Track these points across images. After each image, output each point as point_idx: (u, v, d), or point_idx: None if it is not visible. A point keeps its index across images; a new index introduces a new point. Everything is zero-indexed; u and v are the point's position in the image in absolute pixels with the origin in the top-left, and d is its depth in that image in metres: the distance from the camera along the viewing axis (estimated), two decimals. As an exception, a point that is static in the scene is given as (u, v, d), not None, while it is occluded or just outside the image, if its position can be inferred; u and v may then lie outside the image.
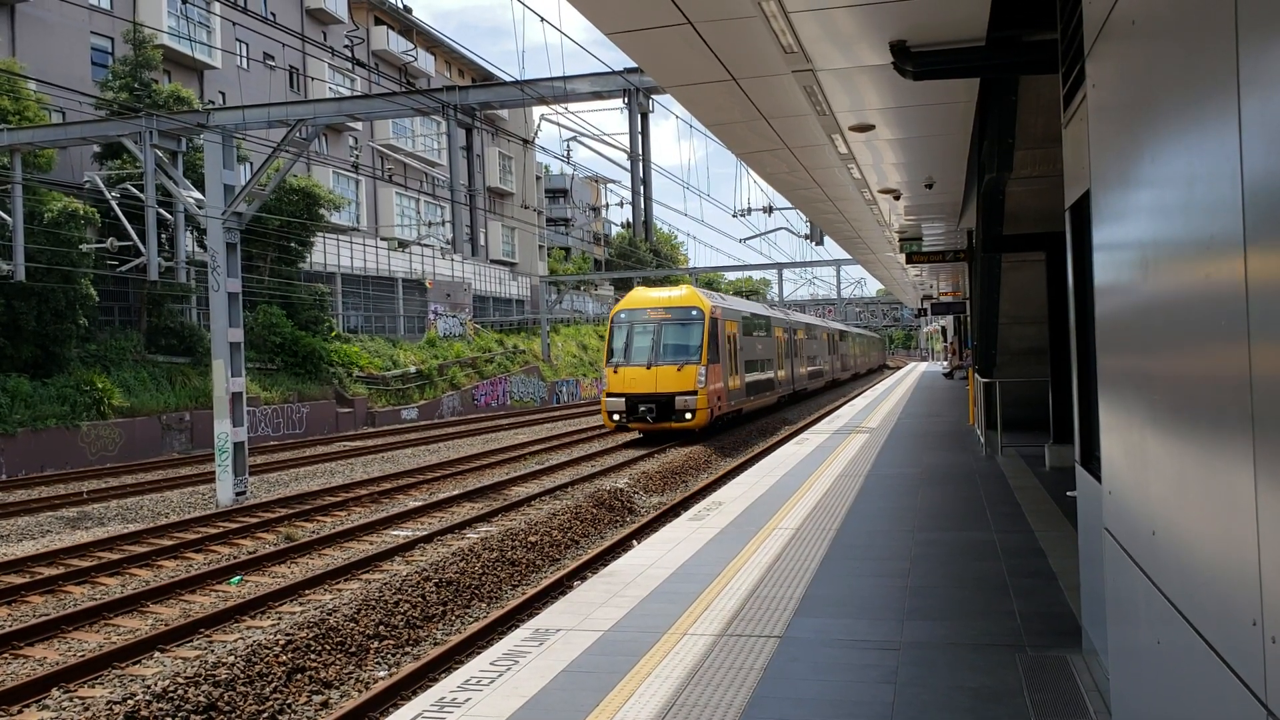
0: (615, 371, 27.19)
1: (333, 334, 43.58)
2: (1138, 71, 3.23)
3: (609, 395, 27.34)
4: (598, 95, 29.97)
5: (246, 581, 12.73)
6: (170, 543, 15.09)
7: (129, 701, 7.62)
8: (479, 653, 8.01)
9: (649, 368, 26.72)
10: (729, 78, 9.12)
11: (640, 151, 28.87)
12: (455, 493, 19.08)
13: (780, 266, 62.08)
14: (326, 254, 46.45)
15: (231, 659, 8.51)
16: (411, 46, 58.87)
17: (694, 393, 26.35)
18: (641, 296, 28.91)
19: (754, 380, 32.95)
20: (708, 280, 71.59)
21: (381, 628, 9.96)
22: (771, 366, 36.28)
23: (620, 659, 6.15)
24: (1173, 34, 2.74)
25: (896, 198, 16.90)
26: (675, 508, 16.49)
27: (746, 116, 10.70)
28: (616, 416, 27.09)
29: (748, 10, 7.21)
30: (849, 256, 42.71)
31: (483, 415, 47.12)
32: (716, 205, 60.95)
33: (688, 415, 26.33)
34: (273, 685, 8.35)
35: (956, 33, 7.55)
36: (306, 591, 11.75)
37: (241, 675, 8.30)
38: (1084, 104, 4.63)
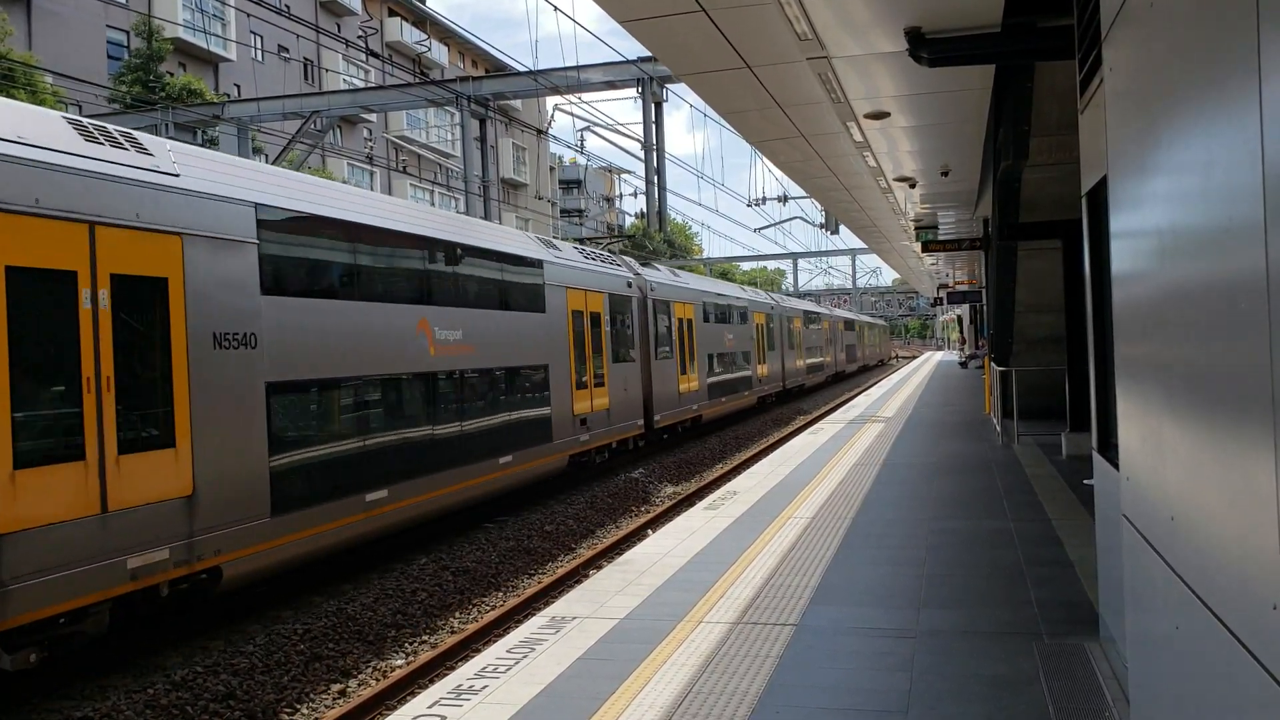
0: None
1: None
2: (1156, 56, 3.20)
3: None
4: (611, 85, 30.04)
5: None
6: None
7: (149, 690, 7.69)
8: (496, 640, 8.05)
9: None
10: (743, 65, 9.10)
11: (654, 141, 28.68)
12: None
13: (795, 256, 62.01)
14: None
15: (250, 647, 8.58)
16: (425, 38, 58.88)
17: None
18: None
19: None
20: (722, 270, 71.37)
21: (399, 616, 10.02)
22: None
23: (636, 646, 6.18)
24: (1192, 17, 2.72)
25: (912, 186, 16.86)
26: (690, 497, 16.49)
27: (761, 104, 10.68)
28: None
29: (762, -2, 7.19)
30: (864, 245, 42.55)
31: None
32: (731, 195, 60.83)
33: None
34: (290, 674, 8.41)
35: (972, 19, 7.52)
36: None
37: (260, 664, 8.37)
38: (1100, 89, 4.60)
